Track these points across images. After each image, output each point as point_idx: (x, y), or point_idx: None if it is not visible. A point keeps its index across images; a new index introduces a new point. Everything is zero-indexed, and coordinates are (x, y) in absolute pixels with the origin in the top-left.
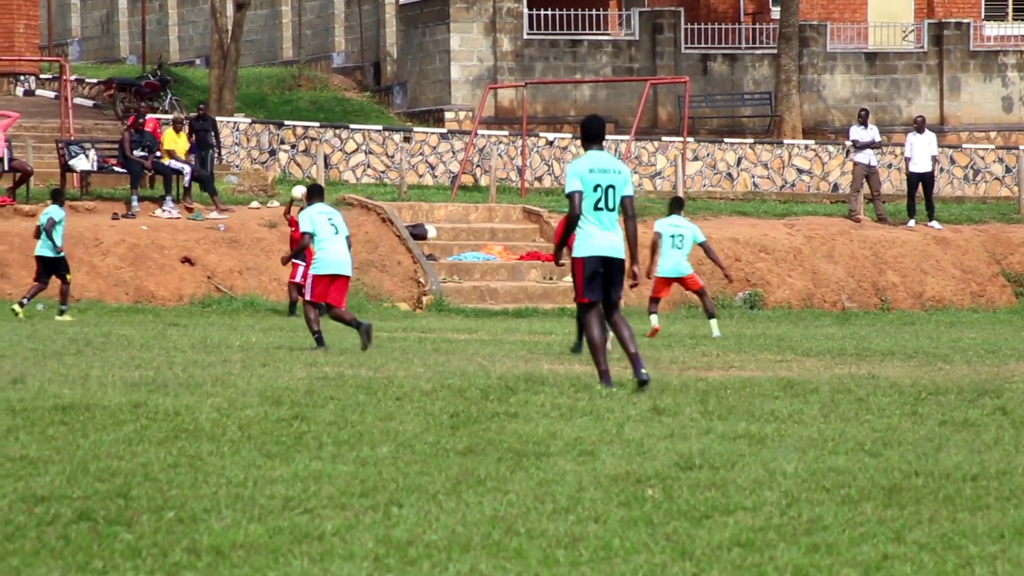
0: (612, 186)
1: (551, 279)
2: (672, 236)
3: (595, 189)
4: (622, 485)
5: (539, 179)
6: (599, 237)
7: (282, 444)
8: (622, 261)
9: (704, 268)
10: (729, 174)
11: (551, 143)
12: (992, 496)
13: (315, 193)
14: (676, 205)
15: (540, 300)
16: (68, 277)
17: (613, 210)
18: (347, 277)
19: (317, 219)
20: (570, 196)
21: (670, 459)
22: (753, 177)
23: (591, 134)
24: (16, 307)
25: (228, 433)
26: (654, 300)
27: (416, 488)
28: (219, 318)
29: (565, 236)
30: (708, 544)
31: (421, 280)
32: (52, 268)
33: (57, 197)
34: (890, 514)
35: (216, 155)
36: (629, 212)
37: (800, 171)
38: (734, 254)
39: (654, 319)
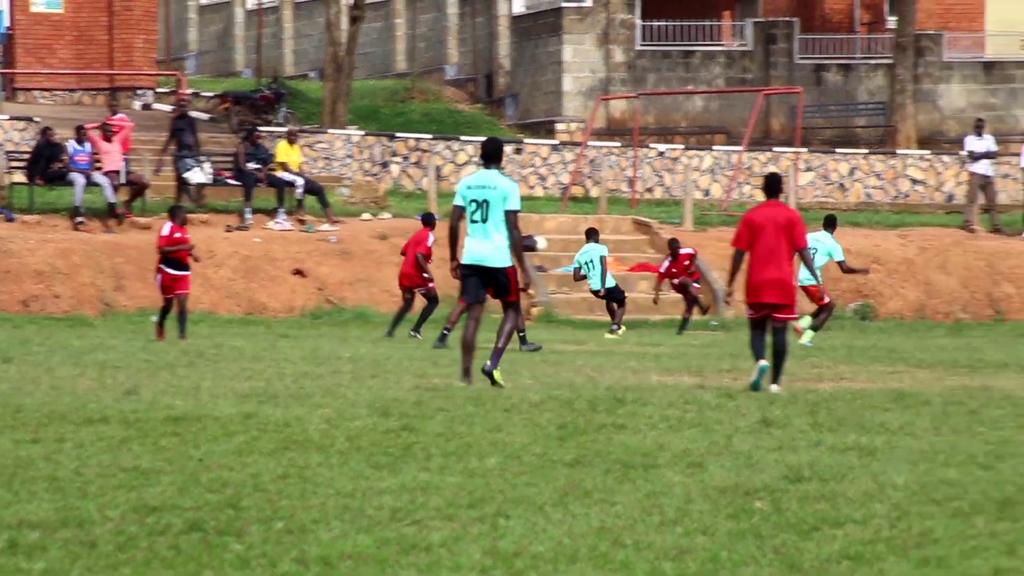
0: (486, 201)
1: (661, 291)
2: None
3: (471, 203)
4: (730, 497)
5: (650, 190)
6: (471, 246)
7: (390, 455)
8: (497, 269)
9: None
10: (842, 184)
11: (662, 154)
12: None
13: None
14: None
15: (649, 312)
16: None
17: (487, 222)
18: None
19: None
20: (453, 208)
21: (779, 471)
22: (866, 188)
23: (484, 154)
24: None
25: (337, 444)
26: None
27: (523, 499)
28: (329, 329)
29: (451, 244)
30: (817, 557)
31: (531, 291)
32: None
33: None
34: (1002, 527)
35: (195, 156)
36: (509, 224)
37: (914, 182)
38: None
39: None
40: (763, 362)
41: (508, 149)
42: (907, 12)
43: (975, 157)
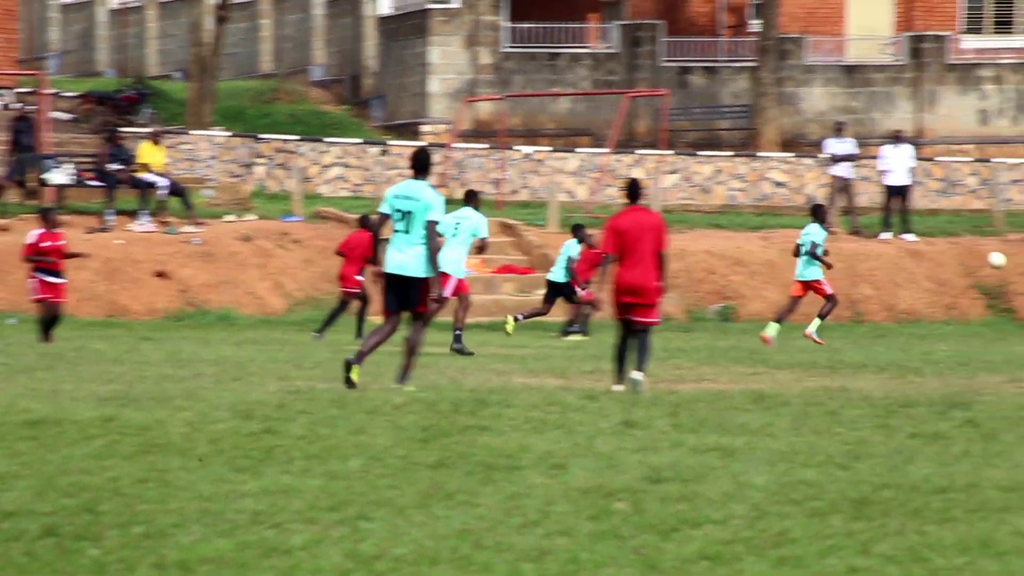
0: (410, 212)
1: (526, 293)
2: None
3: (395, 213)
4: (592, 498)
5: (516, 192)
6: (392, 256)
7: (252, 458)
8: (414, 279)
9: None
10: (705, 187)
11: (528, 156)
12: (960, 509)
13: None
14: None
15: (514, 313)
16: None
17: (409, 233)
18: None
19: None
20: (378, 216)
21: (640, 472)
22: (729, 190)
23: (413, 165)
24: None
25: (198, 447)
26: None
27: (385, 502)
28: (192, 332)
29: (375, 252)
30: (676, 557)
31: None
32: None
33: (577, 231)
34: (858, 527)
35: (52, 157)
36: (428, 234)
37: (777, 184)
38: (708, 267)
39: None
40: (615, 388)
41: (374, 151)
42: (770, 16)
43: (835, 159)
